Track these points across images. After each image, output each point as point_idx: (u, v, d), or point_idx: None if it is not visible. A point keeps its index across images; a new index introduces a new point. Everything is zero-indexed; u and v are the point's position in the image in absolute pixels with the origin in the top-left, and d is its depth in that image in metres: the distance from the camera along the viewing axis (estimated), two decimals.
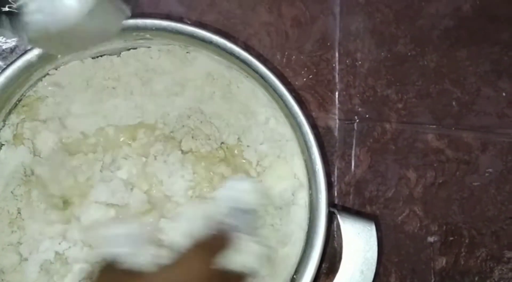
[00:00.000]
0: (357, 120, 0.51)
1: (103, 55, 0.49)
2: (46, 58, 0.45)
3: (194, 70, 0.49)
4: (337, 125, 0.51)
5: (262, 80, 0.46)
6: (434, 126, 0.52)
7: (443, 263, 0.51)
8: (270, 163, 0.49)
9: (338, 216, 0.46)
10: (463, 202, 0.52)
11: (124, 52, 0.49)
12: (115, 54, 0.49)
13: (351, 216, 0.46)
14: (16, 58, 0.45)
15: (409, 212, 0.51)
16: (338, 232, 0.48)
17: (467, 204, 0.52)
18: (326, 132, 0.51)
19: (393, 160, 0.51)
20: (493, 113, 0.52)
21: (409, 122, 0.51)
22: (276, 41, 0.51)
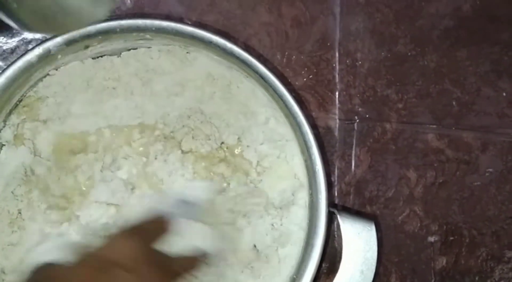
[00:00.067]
0: (357, 120, 0.51)
1: (103, 56, 0.49)
2: (46, 59, 0.45)
3: (194, 70, 0.49)
4: (337, 125, 0.51)
5: (262, 81, 0.46)
6: (434, 126, 0.52)
7: (444, 263, 0.51)
8: (270, 163, 0.49)
9: (338, 216, 0.46)
10: (463, 202, 0.52)
11: (124, 52, 0.49)
12: (116, 55, 0.49)
13: (351, 216, 0.46)
14: (17, 58, 0.45)
15: (409, 212, 0.51)
16: (339, 232, 0.48)
17: (467, 203, 0.52)
18: (326, 132, 0.51)
19: (393, 159, 0.51)
20: (493, 113, 0.52)
21: (409, 122, 0.51)
22: (276, 41, 0.51)
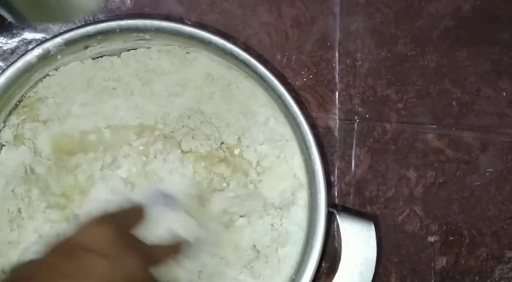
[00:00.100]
0: (357, 120, 0.51)
1: (103, 56, 0.49)
2: (46, 59, 0.45)
3: (194, 70, 0.49)
4: (337, 125, 0.51)
5: (262, 81, 0.46)
6: (434, 126, 0.52)
7: (444, 263, 0.51)
8: (270, 163, 0.49)
9: (337, 216, 0.46)
10: (463, 202, 0.51)
11: (124, 53, 0.49)
12: (115, 55, 0.49)
13: (350, 216, 0.46)
14: (16, 59, 0.45)
15: (409, 212, 0.51)
16: (339, 232, 0.48)
17: (467, 203, 0.51)
18: (326, 132, 0.51)
19: (393, 159, 0.51)
20: (493, 113, 0.52)
21: (409, 122, 0.51)
22: (276, 41, 0.51)
